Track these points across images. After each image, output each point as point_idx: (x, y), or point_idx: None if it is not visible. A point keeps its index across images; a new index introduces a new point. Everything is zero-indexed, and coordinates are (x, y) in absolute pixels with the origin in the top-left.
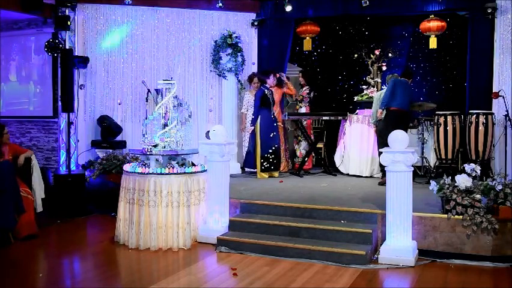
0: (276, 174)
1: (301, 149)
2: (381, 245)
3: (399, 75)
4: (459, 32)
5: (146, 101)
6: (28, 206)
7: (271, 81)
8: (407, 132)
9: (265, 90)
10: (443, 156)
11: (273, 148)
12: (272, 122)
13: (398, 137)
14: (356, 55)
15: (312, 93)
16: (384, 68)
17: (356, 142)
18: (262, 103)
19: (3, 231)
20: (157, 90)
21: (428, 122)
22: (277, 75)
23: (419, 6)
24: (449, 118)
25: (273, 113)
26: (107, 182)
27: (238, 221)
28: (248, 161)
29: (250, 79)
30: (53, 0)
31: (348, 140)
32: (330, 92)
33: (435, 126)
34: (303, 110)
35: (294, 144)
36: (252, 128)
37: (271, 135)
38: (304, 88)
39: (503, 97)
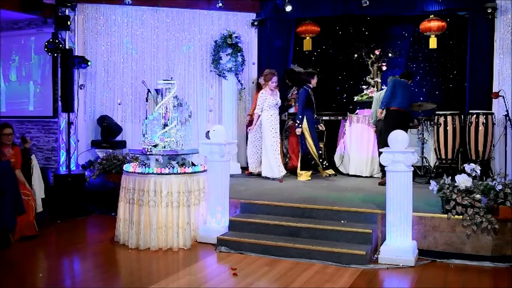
0: (331, 171)
1: (284, 148)
2: (381, 245)
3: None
4: (459, 32)
5: (146, 101)
6: (28, 208)
7: (315, 81)
8: (407, 132)
9: (309, 90)
10: (443, 156)
11: (321, 148)
12: (314, 122)
13: (398, 137)
14: (356, 55)
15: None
16: (384, 68)
17: (356, 142)
18: (307, 103)
19: (3, 232)
20: (157, 90)
21: (428, 122)
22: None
23: (419, 6)
24: (449, 118)
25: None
26: (107, 182)
27: (238, 221)
28: (307, 164)
29: (265, 77)
30: (53, 0)
31: (348, 140)
32: (330, 92)
33: (435, 126)
34: (292, 110)
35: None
36: (300, 129)
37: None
38: (292, 89)
39: (503, 97)
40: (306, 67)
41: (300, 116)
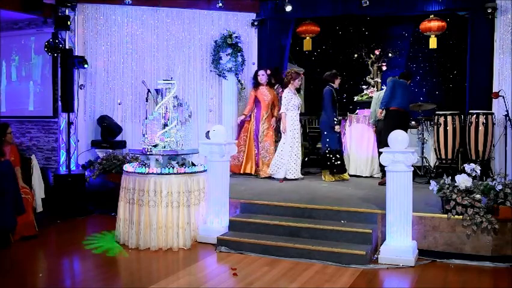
0: (346, 177)
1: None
2: (381, 245)
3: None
4: (459, 32)
5: (146, 101)
6: (27, 206)
7: (338, 82)
8: (407, 132)
9: (333, 90)
10: (443, 156)
11: (341, 150)
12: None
13: (398, 137)
14: (356, 55)
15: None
16: (384, 68)
17: (356, 142)
18: (333, 103)
19: (3, 232)
20: (157, 90)
21: (428, 122)
22: (268, 71)
23: (419, 6)
24: (449, 118)
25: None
26: (107, 182)
27: (238, 221)
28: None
29: (291, 77)
30: (53, 0)
31: (348, 140)
32: None
33: (435, 126)
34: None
35: None
36: (339, 126)
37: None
38: (275, 87)
39: (503, 97)
40: (306, 67)
41: (335, 114)
